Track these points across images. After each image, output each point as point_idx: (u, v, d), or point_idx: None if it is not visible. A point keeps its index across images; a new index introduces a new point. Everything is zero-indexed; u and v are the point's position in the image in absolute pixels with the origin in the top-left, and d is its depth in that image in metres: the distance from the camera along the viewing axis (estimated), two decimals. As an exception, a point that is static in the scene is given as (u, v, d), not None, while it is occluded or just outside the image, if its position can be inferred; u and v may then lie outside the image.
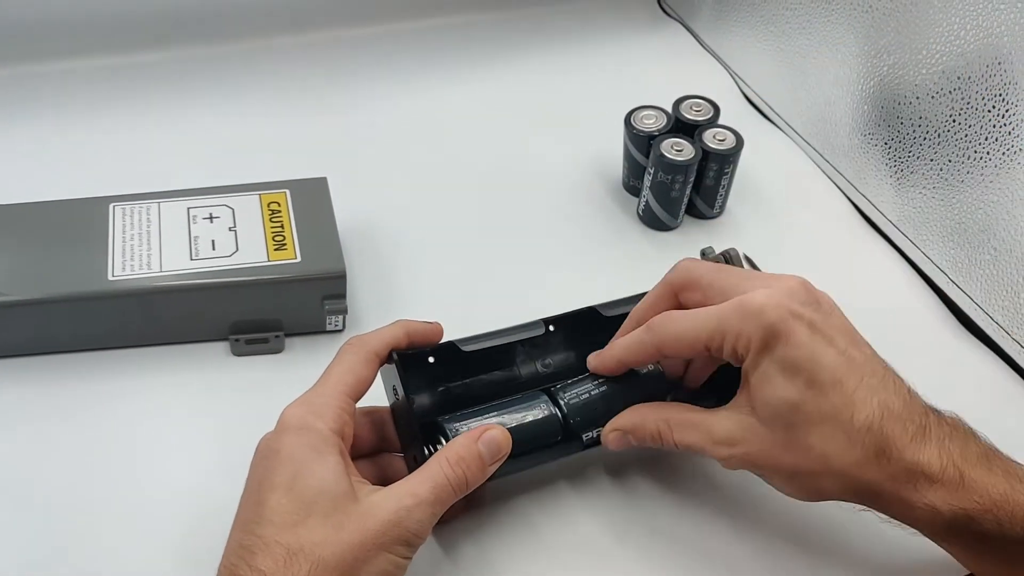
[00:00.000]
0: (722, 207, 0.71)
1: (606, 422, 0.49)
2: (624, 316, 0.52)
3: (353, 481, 0.42)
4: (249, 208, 0.60)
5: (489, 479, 0.45)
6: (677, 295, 0.48)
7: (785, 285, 0.45)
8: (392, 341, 0.48)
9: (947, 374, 0.61)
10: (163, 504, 0.51)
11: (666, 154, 0.66)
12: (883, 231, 0.71)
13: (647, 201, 0.68)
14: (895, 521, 0.45)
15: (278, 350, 0.59)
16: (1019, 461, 0.45)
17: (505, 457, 0.45)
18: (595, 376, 0.50)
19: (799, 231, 0.71)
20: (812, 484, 0.44)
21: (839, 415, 0.42)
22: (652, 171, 0.67)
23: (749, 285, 0.45)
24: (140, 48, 0.78)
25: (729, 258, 0.52)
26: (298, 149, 0.73)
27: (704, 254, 0.54)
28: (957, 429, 0.44)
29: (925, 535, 0.44)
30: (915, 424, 0.43)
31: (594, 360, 0.50)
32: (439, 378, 0.49)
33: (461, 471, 0.43)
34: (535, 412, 0.48)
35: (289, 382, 0.56)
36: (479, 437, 0.45)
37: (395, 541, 0.41)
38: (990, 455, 0.44)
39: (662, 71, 0.84)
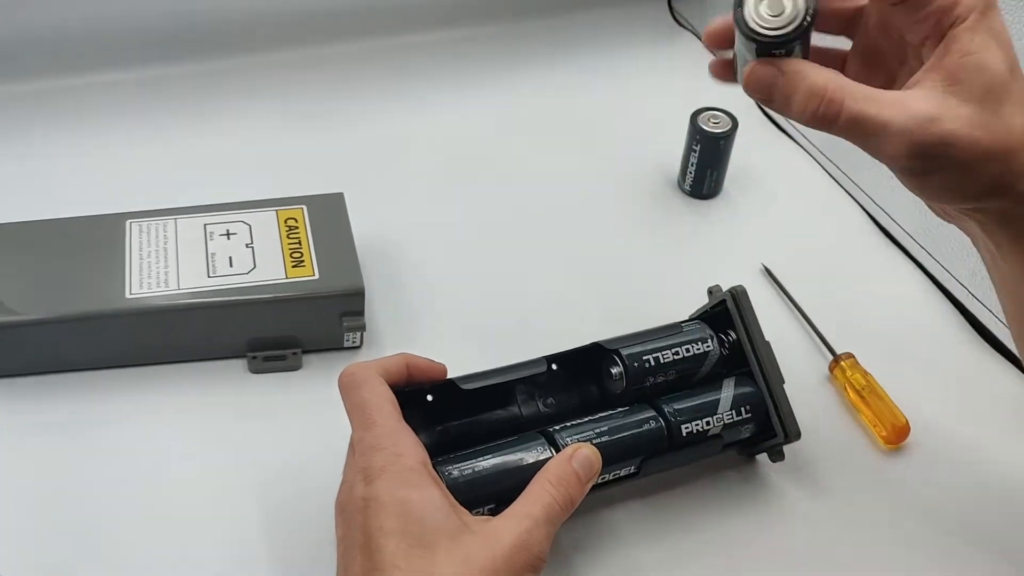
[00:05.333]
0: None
1: (608, 470, 0.48)
2: (627, 351, 0.51)
3: (457, 510, 0.42)
4: (266, 224, 0.60)
5: None
6: None
7: None
8: (393, 370, 0.47)
9: (965, 385, 0.61)
10: (180, 522, 0.51)
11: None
12: (899, 242, 0.71)
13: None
14: None
15: (296, 367, 0.58)
16: None
17: (598, 473, 0.46)
18: (595, 422, 0.49)
19: (815, 243, 0.71)
20: (998, 168, 0.39)
21: None
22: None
23: None
24: (156, 63, 0.78)
25: (736, 296, 0.52)
26: (314, 164, 0.73)
27: (711, 292, 0.55)
28: None
29: None
30: None
31: None
32: (438, 418, 0.48)
33: (564, 490, 0.44)
34: (531, 455, 0.47)
35: (307, 399, 0.57)
36: (572, 456, 0.45)
37: (523, 567, 0.41)
38: None
39: (676, 82, 0.84)
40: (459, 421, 0.49)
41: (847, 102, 0.38)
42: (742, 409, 0.51)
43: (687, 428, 0.50)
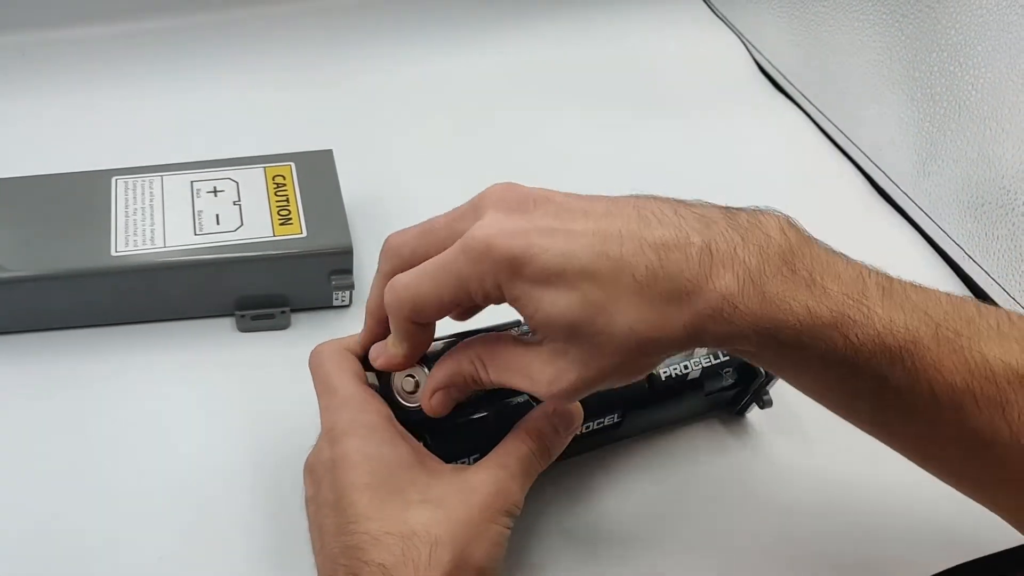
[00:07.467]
0: None
1: (590, 420, 0.48)
2: None
3: (428, 462, 0.42)
4: (254, 182, 0.59)
5: None
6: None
7: (490, 205, 0.40)
8: (366, 345, 0.46)
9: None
10: (168, 480, 0.51)
11: None
12: (898, 204, 0.70)
13: None
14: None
15: (284, 326, 0.58)
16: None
17: (579, 426, 0.46)
18: None
19: (811, 204, 0.69)
20: (642, 363, 0.38)
21: (620, 283, 0.36)
22: None
23: (460, 225, 0.40)
24: (141, 16, 0.77)
25: None
26: (303, 120, 0.72)
27: None
28: (755, 223, 0.38)
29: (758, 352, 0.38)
30: (696, 244, 0.36)
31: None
32: None
33: (542, 442, 0.44)
34: (512, 405, 0.46)
35: (295, 358, 0.56)
36: (552, 410, 0.45)
37: (499, 512, 0.41)
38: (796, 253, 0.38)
39: (673, 40, 0.83)
40: None
41: (492, 375, 0.41)
42: (719, 352, 0.51)
43: (665, 372, 0.50)
